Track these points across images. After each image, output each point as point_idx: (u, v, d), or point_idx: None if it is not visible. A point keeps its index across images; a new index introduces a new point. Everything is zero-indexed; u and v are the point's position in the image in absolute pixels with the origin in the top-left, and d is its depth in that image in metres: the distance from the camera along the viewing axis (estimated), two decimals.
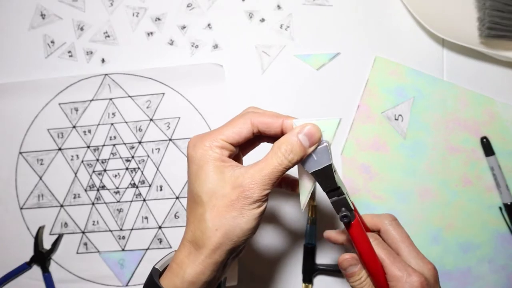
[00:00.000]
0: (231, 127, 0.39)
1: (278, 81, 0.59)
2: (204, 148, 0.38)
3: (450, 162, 0.57)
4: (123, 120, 0.60)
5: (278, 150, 0.37)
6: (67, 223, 0.60)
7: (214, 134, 0.39)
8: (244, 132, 0.39)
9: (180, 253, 0.38)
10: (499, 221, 0.56)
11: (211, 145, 0.38)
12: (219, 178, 0.37)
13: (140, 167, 0.59)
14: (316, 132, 0.37)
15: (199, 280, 0.37)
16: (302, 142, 0.37)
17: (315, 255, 0.57)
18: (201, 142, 0.38)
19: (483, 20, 0.55)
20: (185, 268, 0.37)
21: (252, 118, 0.39)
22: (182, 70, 0.59)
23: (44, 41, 0.61)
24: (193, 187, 0.38)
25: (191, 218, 0.38)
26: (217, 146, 0.38)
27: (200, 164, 0.38)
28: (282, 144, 0.37)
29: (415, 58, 0.58)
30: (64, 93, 0.60)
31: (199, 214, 0.37)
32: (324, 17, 0.59)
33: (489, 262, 0.56)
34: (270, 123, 0.38)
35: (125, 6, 0.61)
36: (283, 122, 0.38)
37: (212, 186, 0.37)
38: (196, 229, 0.37)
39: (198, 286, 0.37)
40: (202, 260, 0.37)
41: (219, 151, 0.38)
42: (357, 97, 0.58)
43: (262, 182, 0.36)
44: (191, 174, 0.39)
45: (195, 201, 0.38)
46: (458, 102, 0.57)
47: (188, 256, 0.38)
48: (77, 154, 0.60)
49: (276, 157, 0.37)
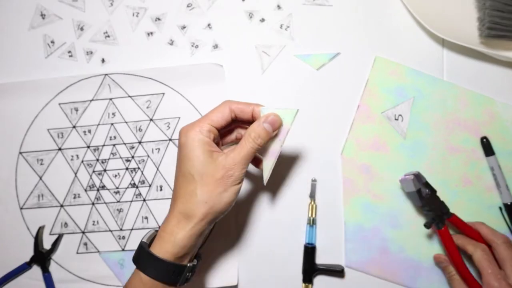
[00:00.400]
0: (215, 112, 0.47)
1: (278, 81, 0.59)
2: (195, 133, 0.45)
3: (450, 162, 0.57)
4: (123, 120, 0.60)
5: (249, 137, 0.46)
6: (67, 223, 0.60)
7: (202, 120, 0.47)
8: (226, 114, 0.47)
9: (169, 223, 0.45)
10: (499, 221, 0.56)
11: (201, 130, 0.46)
12: (208, 161, 0.45)
13: (140, 167, 0.59)
14: (277, 121, 0.46)
15: (187, 244, 0.45)
16: (266, 129, 0.46)
17: (315, 255, 0.57)
18: (192, 129, 0.46)
19: (483, 20, 0.55)
20: (175, 235, 0.44)
21: (230, 105, 0.47)
22: (182, 70, 0.59)
23: (44, 41, 0.61)
24: (185, 167, 0.45)
25: (182, 193, 0.45)
26: (206, 130, 0.46)
27: (192, 147, 0.45)
28: (251, 132, 0.46)
29: (415, 58, 0.58)
30: (64, 93, 0.60)
31: (191, 190, 0.45)
32: (324, 17, 0.59)
33: None
34: (243, 109, 0.47)
35: (125, 6, 0.61)
36: (253, 109, 0.47)
37: (202, 166, 0.45)
38: (188, 201, 0.45)
39: (186, 249, 0.45)
40: (191, 228, 0.44)
41: (207, 134, 0.46)
42: (357, 97, 0.58)
43: (241, 162, 0.45)
44: (183, 156, 0.46)
45: (187, 179, 0.45)
46: (458, 102, 0.57)
47: (177, 225, 0.45)
48: (77, 154, 0.60)
49: (248, 142, 0.46)
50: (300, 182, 0.58)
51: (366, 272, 0.57)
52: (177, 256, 0.44)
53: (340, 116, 0.58)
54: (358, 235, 0.57)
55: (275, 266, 0.58)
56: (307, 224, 0.57)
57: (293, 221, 0.58)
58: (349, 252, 0.57)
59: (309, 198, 0.57)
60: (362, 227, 0.57)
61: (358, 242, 0.57)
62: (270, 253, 0.58)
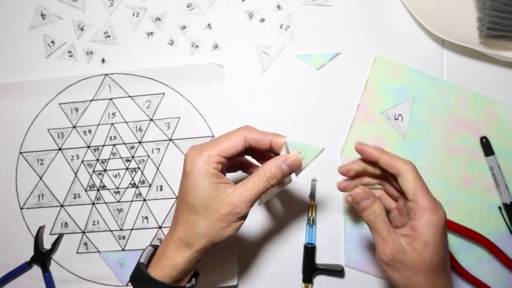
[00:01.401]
0: (227, 140, 0.44)
1: (278, 81, 0.59)
2: (202, 164, 0.43)
3: (450, 162, 0.57)
4: (123, 120, 0.60)
5: (264, 175, 0.43)
6: (67, 223, 0.60)
7: (211, 147, 0.43)
8: (239, 146, 0.44)
9: (168, 247, 0.44)
10: (498, 221, 0.56)
11: (209, 160, 0.43)
12: (214, 194, 0.42)
13: (140, 167, 0.60)
14: (296, 164, 0.44)
15: (186, 268, 0.44)
16: (284, 170, 0.43)
17: (315, 255, 0.57)
18: (199, 157, 0.43)
19: (483, 20, 0.55)
20: (174, 260, 0.44)
21: (245, 134, 0.44)
22: (182, 70, 0.59)
23: (44, 41, 0.61)
24: (189, 198, 0.43)
25: (184, 220, 0.44)
26: (214, 161, 0.43)
27: (198, 179, 0.43)
28: (267, 171, 0.43)
29: (415, 58, 0.58)
30: (64, 93, 0.60)
31: (193, 220, 0.43)
32: (324, 17, 0.59)
33: (488, 262, 0.56)
34: (260, 140, 0.44)
35: (125, 6, 0.61)
36: (272, 140, 0.44)
37: (207, 200, 0.43)
38: (189, 231, 0.43)
39: (185, 272, 0.44)
40: (190, 254, 0.44)
41: (216, 165, 0.43)
42: (357, 97, 0.58)
43: (249, 200, 0.43)
44: (188, 185, 0.43)
45: (189, 209, 0.43)
46: (458, 102, 0.57)
47: (176, 250, 0.44)
48: (77, 154, 0.60)
49: (262, 181, 0.43)
50: (300, 182, 0.58)
51: (366, 272, 0.57)
52: (176, 279, 0.44)
53: (340, 116, 0.58)
54: (358, 235, 0.57)
55: (275, 266, 0.58)
56: (307, 224, 0.57)
57: (293, 221, 0.58)
58: (349, 252, 0.57)
59: (309, 198, 0.57)
60: (362, 227, 0.57)
61: (358, 242, 0.57)
62: (270, 253, 0.58)
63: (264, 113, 0.59)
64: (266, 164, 0.44)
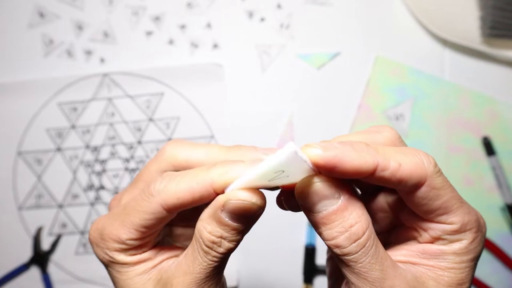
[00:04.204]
0: (133, 219, 0.27)
1: (278, 80, 0.59)
2: (104, 256, 0.30)
3: (451, 161, 0.57)
4: (122, 120, 0.60)
5: (200, 241, 0.27)
6: (66, 224, 0.60)
7: (111, 234, 0.28)
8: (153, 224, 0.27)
9: None
10: (500, 221, 0.56)
11: (111, 256, 0.30)
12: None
13: (140, 168, 0.59)
14: (243, 208, 0.27)
15: None
16: (225, 223, 0.27)
17: (315, 256, 0.56)
18: (102, 243, 0.30)
19: (485, 20, 0.54)
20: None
21: (162, 201, 0.26)
22: (182, 70, 0.59)
23: (42, 41, 0.61)
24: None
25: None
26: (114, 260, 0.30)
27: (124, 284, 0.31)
28: (200, 231, 0.27)
29: (416, 57, 0.58)
30: (62, 93, 0.60)
31: None
32: (324, 16, 0.59)
33: (489, 262, 0.56)
34: (194, 199, 0.26)
35: (124, 5, 0.61)
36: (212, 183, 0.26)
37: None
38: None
39: None
40: None
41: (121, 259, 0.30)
42: (358, 97, 0.58)
43: (196, 283, 0.28)
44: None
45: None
46: (460, 102, 0.57)
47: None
48: (76, 154, 0.60)
49: (201, 255, 0.27)
50: None
51: None
52: None
53: (341, 116, 0.58)
54: None
55: (275, 266, 0.57)
56: (307, 225, 0.57)
57: (293, 222, 0.57)
58: None
59: None
60: None
61: None
62: (270, 253, 0.57)
63: (264, 113, 0.58)
64: (199, 219, 0.27)
